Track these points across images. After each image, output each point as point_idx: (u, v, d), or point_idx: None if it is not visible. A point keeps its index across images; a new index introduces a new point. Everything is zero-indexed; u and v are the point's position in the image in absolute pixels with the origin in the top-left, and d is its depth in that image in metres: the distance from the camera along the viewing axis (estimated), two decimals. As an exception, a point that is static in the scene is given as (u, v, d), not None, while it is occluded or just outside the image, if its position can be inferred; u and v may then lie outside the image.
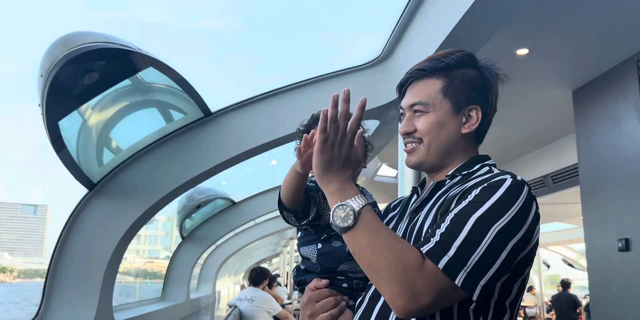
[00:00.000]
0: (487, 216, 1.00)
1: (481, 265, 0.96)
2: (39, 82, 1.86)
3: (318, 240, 1.34)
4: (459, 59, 1.25)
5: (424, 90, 1.26)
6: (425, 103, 1.24)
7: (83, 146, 2.46)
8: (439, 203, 1.15)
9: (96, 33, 1.82)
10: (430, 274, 0.95)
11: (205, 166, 2.87)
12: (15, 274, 69.30)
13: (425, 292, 0.95)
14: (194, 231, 5.80)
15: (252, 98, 2.93)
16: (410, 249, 1.00)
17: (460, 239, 0.97)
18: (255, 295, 6.26)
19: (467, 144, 1.26)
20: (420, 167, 1.30)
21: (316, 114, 1.42)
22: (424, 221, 1.15)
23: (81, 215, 2.72)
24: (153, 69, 2.18)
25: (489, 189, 1.05)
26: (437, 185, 1.26)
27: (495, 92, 1.27)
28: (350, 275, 1.30)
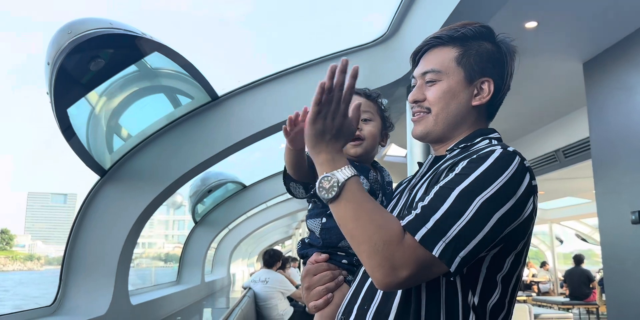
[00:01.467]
0: (470, 188, 0.99)
1: (462, 236, 0.95)
2: (46, 70, 1.86)
3: (323, 215, 1.34)
4: (476, 30, 1.23)
5: (438, 58, 1.24)
6: (438, 70, 1.22)
7: (93, 133, 2.47)
8: (432, 175, 1.15)
9: (100, 19, 1.81)
10: (408, 247, 0.96)
11: (214, 150, 2.88)
12: (42, 262, 70.87)
13: (404, 264, 0.95)
14: (207, 215, 5.86)
15: (258, 81, 2.92)
16: (392, 222, 1.00)
17: (441, 211, 0.97)
18: (269, 276, 6.35)
19: (477, 118, 1.24)
20: (426, 138, 1.28)
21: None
22: (417, 193, 1.15)
23: (94, 201, 2.76)
24: (159, 54, 2.17)
25: (476, 160, 1.04)
26: (436, 159, 1.25)
27: (510, 68, 1.24)
28: (350, 252, 1.30)
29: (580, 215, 12.79)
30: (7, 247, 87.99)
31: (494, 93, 1.22)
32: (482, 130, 1.24)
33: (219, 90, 2.81)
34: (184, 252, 5.90)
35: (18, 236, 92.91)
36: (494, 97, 1.23)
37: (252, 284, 6.36)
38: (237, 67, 11.77)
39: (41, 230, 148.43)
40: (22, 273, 71.25)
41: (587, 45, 3.83)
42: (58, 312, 2.64)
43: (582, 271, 9.82)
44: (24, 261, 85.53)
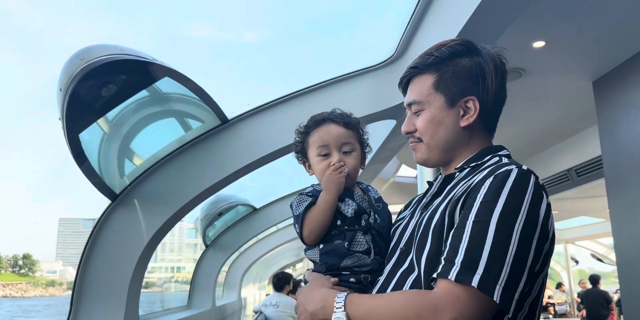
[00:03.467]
0: (503, 218, 0.97)
1: (512, 275, 0.93)
2: (58, 96, 1.89)
3: (320, 242, 1.36)
4: (450, 51, 1.22)
5: (417, 88, 1.25)
6: (419, 101, 1.23)
7: (104, 158, 2.49)
8: (447, 199, 1.13)
9: (111, 45, 1.85)
10: (454, 299, 0.93)
11: (224, 173, 2.89)
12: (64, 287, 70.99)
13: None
14: (217, 239, 5.83)
15: (267, 103, 2.94)
16: (408, 297, 1.00)
17: (485, 251, 0.94)
18: (279, 300, 6.27)
19: (472, 135, 1.22)
20: (426, 164, 1.30)
21: (315, 116, 1.46)
22: (431, 217, 1.13)
23: (105, 226, 2.76)
24: (169, 79, 2.20)
25: (496, 184, 1.01)
26: (446, 179, 1.24)
27: (493, 78, 1.20)
28: (355, 270, 1.30)
29: (595, 235, 12.58)
30: (30, 273, 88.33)
31: (481, 109, 1.20)
32: (490, 148, 1.23)
33: (228, 114, 2.83)
34: (195, 276, 5.86)
35: (50, 262, 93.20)
36: (483, 113, 1.20)
37: (263, 308, 6.27)
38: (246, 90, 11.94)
39: (72, 256, 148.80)
40: (42, 299, 71.37)
41: (596, 64, 3.83)
42: (68, 338, 2.61)
43: (599, 292, 9.59)
44: (46, 287, 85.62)
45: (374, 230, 1.35)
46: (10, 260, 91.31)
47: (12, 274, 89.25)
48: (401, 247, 1.22)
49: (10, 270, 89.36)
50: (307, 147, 1.45)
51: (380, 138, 3.90)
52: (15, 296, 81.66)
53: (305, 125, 1.47)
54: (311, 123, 1.45)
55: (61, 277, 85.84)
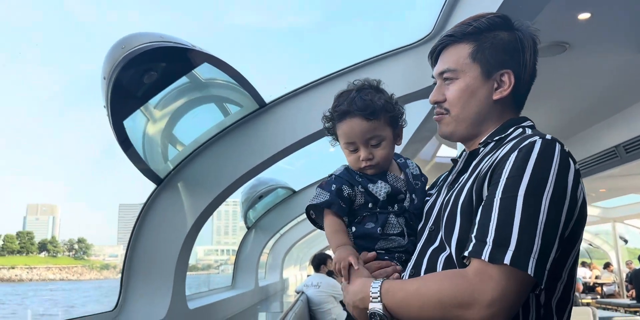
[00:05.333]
0: (531, 190, 0.96)
1: (544, 247, 0.93)
2: (102, 85, 1.95)
3: (352, 224, 1.33)
4: (489, 22, 1.20)
5: (453, 56, 1.22)
6: (454, 69, 1.20)
7: (148, 144, 2.57)
8: (473, 176, 1.11)
9: (152, 33, 1.89)
10: (490, 277, 0.93)
11: (263, 156, 2.92)
12: (117, 270, 74.60)
13: (494, 297, 0.92)
14: (258, 221, 5.94)
15: (304, 86, 2.94)
16: (444, 279, 0.99)
17: (516, 226, 0.93)
18: (320, 281, 6.36)
19: (502, 111, 1.20)
20: (451, 138, 1.27)
21: (338, 104, 1.38)
22: (458, 195, 1.12)
23: (151, 209, 2.86)
24: (208, 65, 2.23)
25: (521, 157, 1.00)
26: (471, 155, 1.22)
27: (531, 55, 1.19)
28: (392, 250, 1.29)
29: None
30: (85, 256, 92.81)
31: (516, 83, 1.18)
32: (513, 120, 1.21)
33: (266, 98, 2.85)
34: (238, 257, 6.01)
35: (111, 247, 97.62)
36: (517, 88, 1.18)
37: (305, 288, 6.39)
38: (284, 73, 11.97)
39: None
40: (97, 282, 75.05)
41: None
42: (120, 317, 2.73)
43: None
44: (100, 270, 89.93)
45: (407, 213, 1.33)
46: (66, 244, 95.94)
47: (68, 258, 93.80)
48: (430, 226, 1.22)
49: (67, 254, 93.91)
50: (336, 134, 1.41)
51: (418, 118, 3.85)
52: (71, 279, 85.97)
53: (330, 113, 1.40)
54: (335, 114, 1.37)
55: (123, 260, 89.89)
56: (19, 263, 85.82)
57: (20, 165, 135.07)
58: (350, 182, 1.33)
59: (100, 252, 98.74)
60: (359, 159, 1.34)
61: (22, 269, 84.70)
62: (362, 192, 1.32)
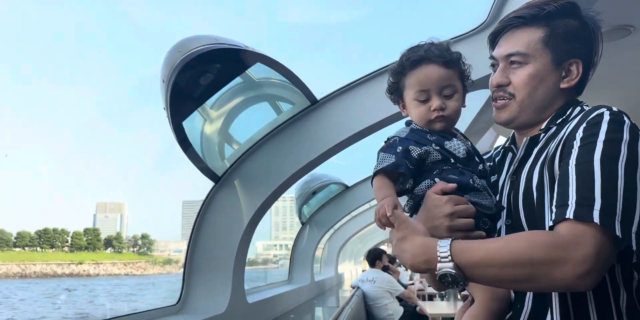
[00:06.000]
0: (607, 154, 0.93)
1: (627, 208, 0.90)
2: (162, 88, 2.03)
3: (433, 177, 1.21)
4: (560, 7, 1.15)
5: (523, 39, 1.17)
6: (525, 53, 1.16)
7: (206, 143, 2.65)
8: (540, 160, 1.08)
9: (207, 36, 1.94)
10: (578, 236, 0.89)
11: (316, 152, 2.95)
12: (180, 265, 77.89)
13: (586, 255, 0.88)
14: (312, 216, 5.99)
15: (355, 81, 2.93)
16: (531, 235, 0.96)
17: (597, 188, 0.91)
18: (376, 276, 6.35)
19: (565, 98, 1.17)
20: (510, 124, 1.22)
21: (410, 53, 1.29)
22: (528, 182, 1.09)
23: (210, 207, 2.95)
24: (261, 65, 2.28)
25: (591, 127, 0.98)
26: (532, 141, 1.17)
27: (599, 44, 1.15)
28: (478, 210, 1.17)
29: None
30: (148, 252, 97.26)
31: (583, 74, 1.15)
32: (570, 102, 1.17)
33: (317, 94, 2.87)
34: (293, 252, 6.09)
35: (176, 242, 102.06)
36: (583, 77, 1.16)
37: (360, 284, 6.40)
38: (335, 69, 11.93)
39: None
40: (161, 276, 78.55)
41: None
42: (182, 311, 2.84)
43: None
44: (163, 265, 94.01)
45: (487, 178, 1.24)
46: (130, 240, 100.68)
47: (133, 253, 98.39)
48: (505, 220, 1.18)
49: (132, 250, 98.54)
50: (403, 88, 1.31)
51: (474, 109, 3.75)
52: (136, 274, 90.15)
53: (399, 65, 1.30)
54: (407, 63, 1.28)
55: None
56: (87, 259, 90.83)
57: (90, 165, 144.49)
58: (420, 142, 1.24)
59: (165, 247, 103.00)
60: (429, 109, 1.25)
61: (89, 264, 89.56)
62: (438, 150, 1.23)
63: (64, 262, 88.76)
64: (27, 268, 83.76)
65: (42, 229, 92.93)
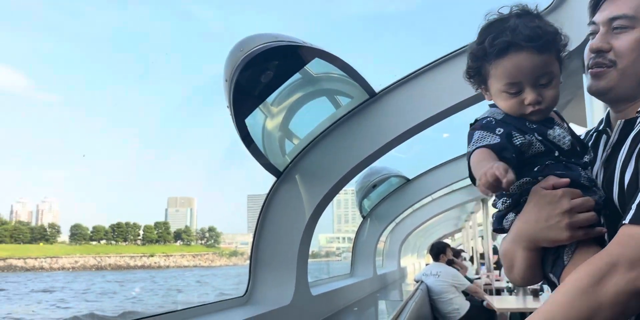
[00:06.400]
0: None
1: None
2: (225, 87, 2.10)
3: (535, 174, 1.08)
4: None
5: (632, 2, 1.07)
6: (632, 16, 1.06)
7: (267, 139, 2.72)
8: (637, 149, 1.00)
9: (267, 34, 1.99)
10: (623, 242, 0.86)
11: (375, 146, 2.94)
12: (245, 257, 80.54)
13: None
14: (373, 210, 5.98)
15: (414, 72, 2.88)
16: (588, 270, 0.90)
17: None
18: (440, 270, 6.26)
19: None
20: (607, 95, 1.12)
21: (493, 34, 1.10)
22: (622, 173, 1.01)
23: (272, 201, 3.01)
24: (319, 60, 2.30)
25: None
26: (627, 124, 1.08)
27: None
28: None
29: None
30: (215, 244, 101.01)
31: None
32: None
33: (376, 87, 2.85)
34: (355, 245, 6.11)
35: (243, 235, 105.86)
36: None
37: (424, 278, 6.33)
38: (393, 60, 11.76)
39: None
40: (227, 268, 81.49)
41: None
42: (250, 302, 2.93)
43: None
44: (229, 257, 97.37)
45: (590, 170, 1.13)
46: (198, 233, 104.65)
47: (201, 246, 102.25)
48: (604, 211, 1.10)
49: (200, 242, 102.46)
50: (487, 75, 1.14)
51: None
52: (203, 265, 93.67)
53: (481, 49, 1.12)
54: (491, 50, 1.09)
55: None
56: (158, 251, 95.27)
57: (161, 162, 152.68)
58: (522, 129, 1.08)
59: (232, 239, 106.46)
60: (522, 103, 1.09)
61: (160, 256, 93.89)
62: (540, 140, 1.08)
63: (136, 254, 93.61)
64: (103, 260, 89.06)
65: (115, 223, 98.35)
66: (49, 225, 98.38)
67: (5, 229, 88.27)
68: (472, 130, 1.11)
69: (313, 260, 10.23)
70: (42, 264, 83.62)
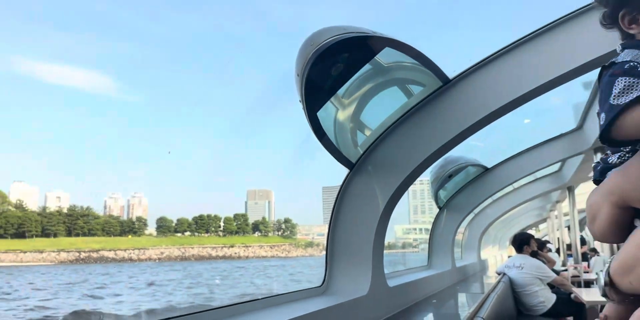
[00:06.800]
0: None
1: None
2: (296, 81, 2.12)
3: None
4: None
5: None
6: None
7: (340, 131, 2.72)
8: None
9: (336, 27, 1.98)
10: None
11: (450, 135, 2.85)
12: (321, 248, 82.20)
13: None
14: (450, 200, 5.84)
15: (492, 55, 2.75)
16: None
17: None
18: (524, 262, 6.00)
19: None
20: None
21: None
22: None
23: (346, 193, 3.03)
24: (389, 49, 2.26)
25: None
26: None
27: None
28: None
29: None
30: (291, 235, 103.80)
31: None
32: None
33: (449, 73, 2.76)
34: (432, 237, 6.01)
35: (319, 226, 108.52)
36: None
37: (507, 270, 6.10)
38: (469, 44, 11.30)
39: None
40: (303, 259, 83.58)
41: None
42: (327, 292, 2.98)
43: None
44: (305, 247, 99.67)
45: None
46: (275, 224, 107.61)
47: (278, 237, 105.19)
48: None
49: (276, 233, 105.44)
50: (622, 16, 1.07)
51: None
52: (280, 256, 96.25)
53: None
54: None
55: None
56: (237, 242, 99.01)
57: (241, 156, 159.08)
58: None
59: (309, 231, 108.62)
60: None
61: (239, 247, 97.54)
62: None
63: (217, 245, 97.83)
64: (186, 251, 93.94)
65: (197, 215, 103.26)
66: (136, 218, 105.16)
67: (97, 223, 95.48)
68: (612, 76, 1.00)
69: (390, 251, 9.71)
70: (130, 255, 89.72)
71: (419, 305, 3.87)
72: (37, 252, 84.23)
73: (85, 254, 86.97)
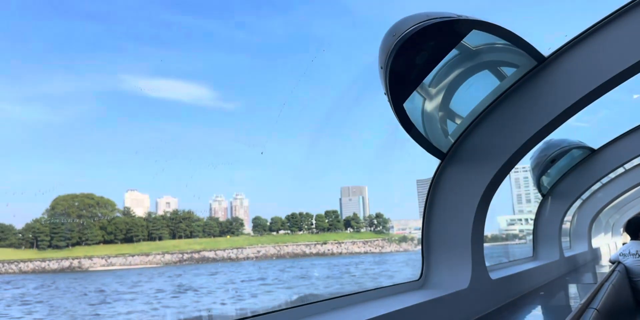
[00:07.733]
0: None
1: None
2: (380, 74, 2.10)
3: None
4: None
5: None
6: None
7: (428, 121, 2.65)
8: None
9: (418, 14, 1.93)
10: None
11: (549, 116, 2.67)
12: (415, 242, 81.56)
13: None
14: (554, 187, 5.50)
15: (589, 29, 2.53)
16: None
17: None
18: None
19: None
20: None
21: None
22: None
23: (439, 184, 2.95)
24: (477, 31, 2.15)
25: None
26: None
27: None
28: None
29: None
30: (384, 230, 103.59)
31: None
32: None
33: (544, 51, 2.58)
34: (536, 227, 5.69)
35: (415, 221, 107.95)
36: None
37: (621, 258, 5.62)
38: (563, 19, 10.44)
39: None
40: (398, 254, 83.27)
41: None
42: (425, 286, 2.93)
43: None
44: (399, 242, 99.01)
45: None
46: (366, 220, 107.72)
47: (370, 233, 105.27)
48: None
49: (369, 229, 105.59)
50: None
51: None
52: (374, 252, 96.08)
53: None
54: None
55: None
56: (330, 239, 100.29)
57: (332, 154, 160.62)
58: None
59: (405, 225, 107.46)
60: None
61: (332, 244, 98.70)
62: None
63: (310, 242, 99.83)
64: (281, 249, 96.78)
65: (290, 214, 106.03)
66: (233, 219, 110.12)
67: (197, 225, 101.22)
68: None
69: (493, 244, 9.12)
70: (229, 255, 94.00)
71: (525, 298, 3.69)
72: (144, 255, 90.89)
73: (187, 255, 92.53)
